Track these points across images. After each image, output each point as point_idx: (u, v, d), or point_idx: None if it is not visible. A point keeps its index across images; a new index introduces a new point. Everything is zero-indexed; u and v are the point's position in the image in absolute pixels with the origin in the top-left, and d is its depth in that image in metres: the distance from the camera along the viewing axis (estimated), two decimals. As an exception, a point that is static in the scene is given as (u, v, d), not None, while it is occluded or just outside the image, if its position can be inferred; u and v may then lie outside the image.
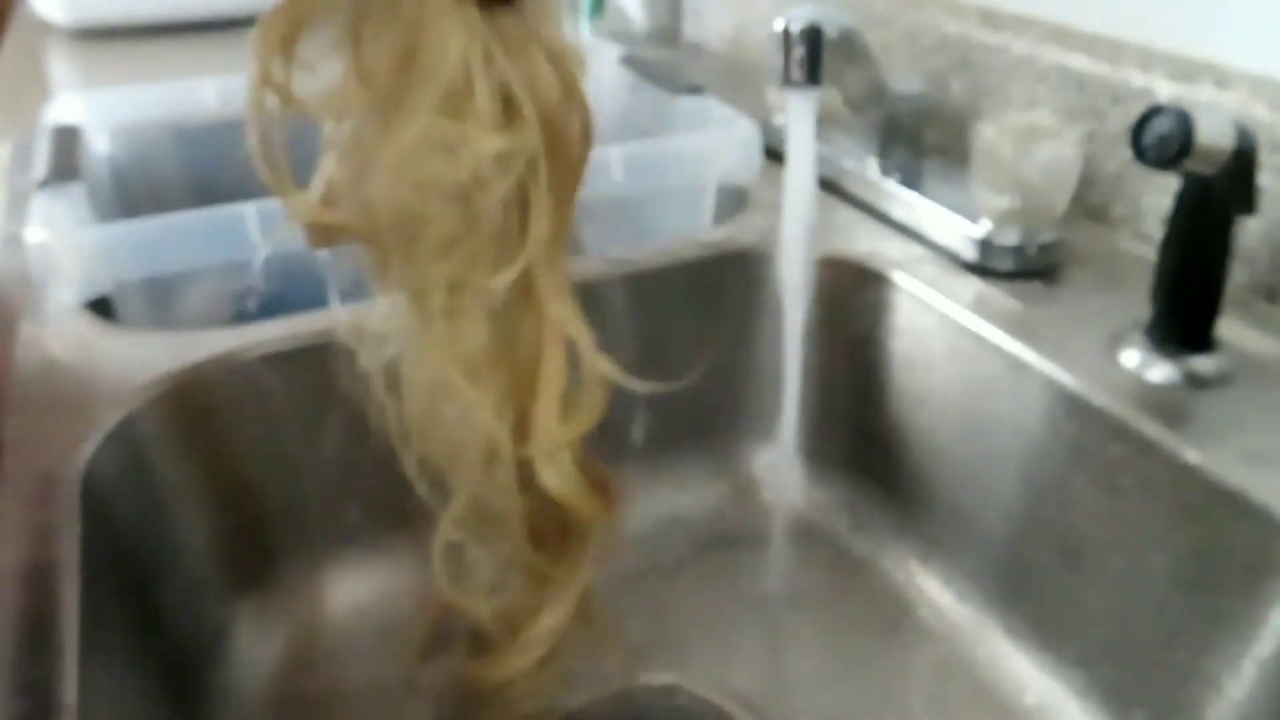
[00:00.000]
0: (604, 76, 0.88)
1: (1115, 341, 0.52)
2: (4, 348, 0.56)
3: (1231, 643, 0.45)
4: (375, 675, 0.58)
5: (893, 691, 0.56)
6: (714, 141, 0.73)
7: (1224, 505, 0.44)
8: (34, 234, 0.58)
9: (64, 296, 0.59)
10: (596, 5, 1.12)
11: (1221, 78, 0.55)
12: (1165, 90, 0.58)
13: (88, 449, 0.48)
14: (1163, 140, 0.45)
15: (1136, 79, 0.59)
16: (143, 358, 0.55)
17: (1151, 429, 0.48)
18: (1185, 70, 0.57)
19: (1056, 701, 0.54)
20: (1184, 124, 0.44)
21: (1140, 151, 0.46)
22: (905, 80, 0.69)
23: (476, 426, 0.37)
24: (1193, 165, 0.45)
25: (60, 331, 0.57)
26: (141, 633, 0.49)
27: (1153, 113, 0.45)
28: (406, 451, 0.39)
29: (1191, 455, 0.46)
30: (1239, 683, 0.45)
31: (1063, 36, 0.65)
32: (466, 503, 0.40)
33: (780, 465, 0.70)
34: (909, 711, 0.55)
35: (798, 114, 0.56)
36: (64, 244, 0.57)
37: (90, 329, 0.58)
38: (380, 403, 0.38)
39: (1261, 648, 0.44)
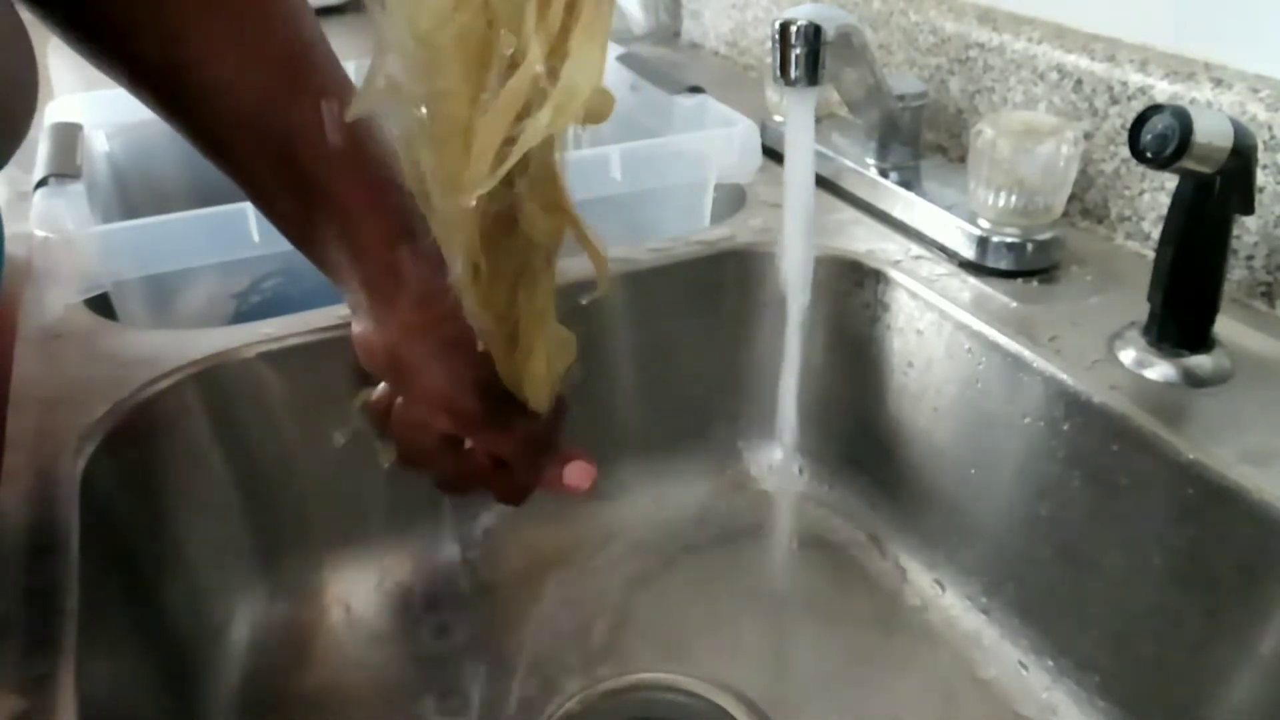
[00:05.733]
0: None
1: (1113, 340, 0.52)
2: (5, 346, 0.56)
3: (1230, 641, 0.45)
4: (375, 673, 0.58)
5: (891, 689, 0.56)
6: (713, 141, 0.72)
7: (1222, 504, 0.44)
8: (35, 232, 0.58)
9: (64, 295, 0.59)
10: (596, 4, 1.12)
11: (1219, 77, 0.55)
12: (1163, 89, 0.57)
13: (88, 448, 0.48)
14: (1160, 139, 0.45)
15: (1134, 78, 0.59)
16: (143, 356, 0.55)
17: (1150, 427, 0.48)
18: (1183, 69, 0.57)
19: (1055, 700, 0.54)
20: (1182, 123, 0.44)
21: (1138, 150, 0.46)
22: (904, 79, 0.69)
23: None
24: (1190, 164, 0.45)
25: (61, 330, 0.57)
26: (142, 631, 0.49)
27: (1151, 111, 0.45)
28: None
29: (1189, 453, 0.46)
30: (1238, 681, 0.45)
31: (1061, 36, 0.64)
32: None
33: (779, 463, 0.70)
34: (907, 710, 0.55)
35: (797, 113, 0.55)
36: (64, 242, 0.57)
37: (91, 327, 0.58)
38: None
39: (1260, 646, 0.44)
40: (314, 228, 0.42)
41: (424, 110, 0.33)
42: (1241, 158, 0.45)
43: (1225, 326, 0.51)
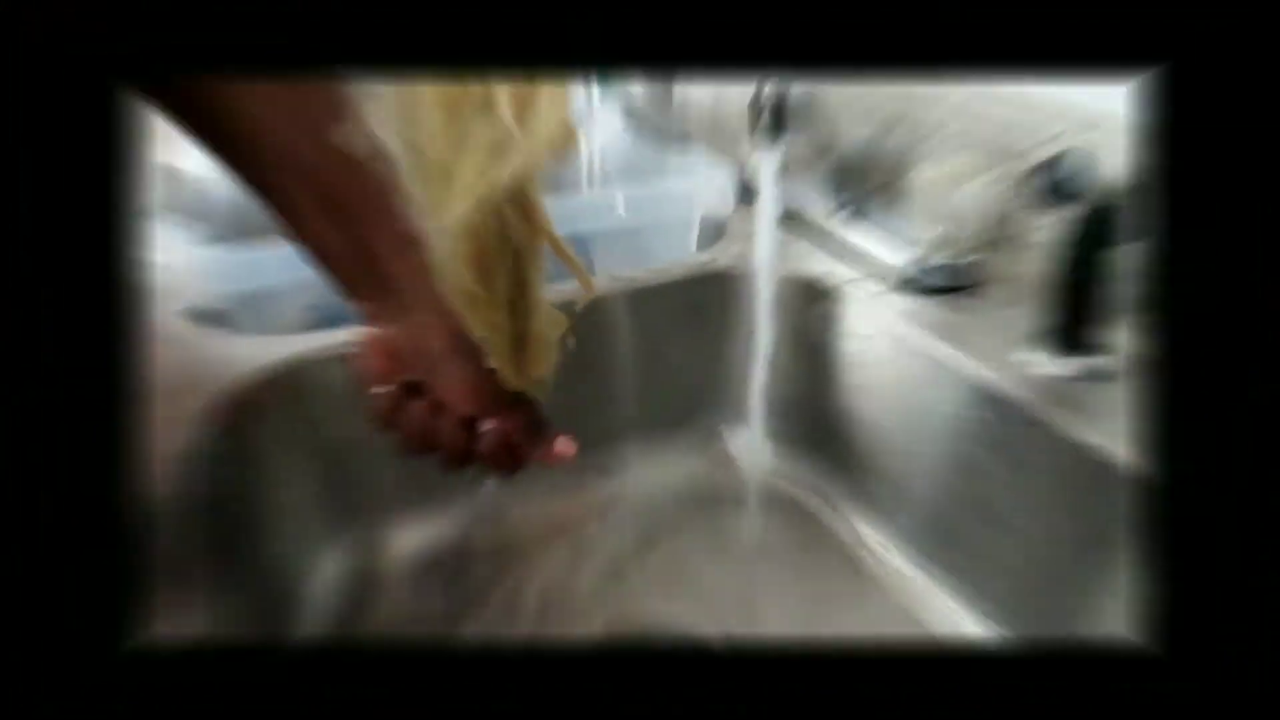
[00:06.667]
0: (611, 129, 0.91)
1: (1024, 344, 0.55)
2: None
3: (1107, 583, 0.49)
4: (424, 610, 0.61)
5: (845, 628, 0.60)
6: (698, 183, 0.76)
7: (1108, 476, 0.47)
8: (153, 256, 0.62)
9: (173, 307, 0.62)
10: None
11: (1114, 123, 0.53)
12: (1072, 137, 0.55)
13: (192, 430, 0.51)
14: (1060, 182, 0.50)
15: (1049, 127, 0.57)
16: (240, 356, 0.58)
17: (1051, 414, 0.51)
18: (1088, 119, 0.55)
19: (974, 634, 0.58)
20: (1080, 169, 0.49)
21: (1042, 190, 0.51)
22: (854, 130, 0.72)
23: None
24: (1080, 203, 0.49)
25: (170, 336, 0.60)
26: (238, 582, 0.52)
27: (1056, 159, 0.50)
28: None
29: (1081, 435, 0.49)
30: (1110, 612, 0.49)
31: (989, 92, 0.61)
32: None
33: (751, 443, 0.74)
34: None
35: (765, 164, 0.58)
36: (176, 264, 0.61)
37: (196, 334, 0.60)
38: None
39: (1118, 580, 0.48)
40: (340, 246, 0.39)
41: (410, 151, 0.35)
42: (1113, 202, 0.48)
43: (1115, 334, 0.53)
